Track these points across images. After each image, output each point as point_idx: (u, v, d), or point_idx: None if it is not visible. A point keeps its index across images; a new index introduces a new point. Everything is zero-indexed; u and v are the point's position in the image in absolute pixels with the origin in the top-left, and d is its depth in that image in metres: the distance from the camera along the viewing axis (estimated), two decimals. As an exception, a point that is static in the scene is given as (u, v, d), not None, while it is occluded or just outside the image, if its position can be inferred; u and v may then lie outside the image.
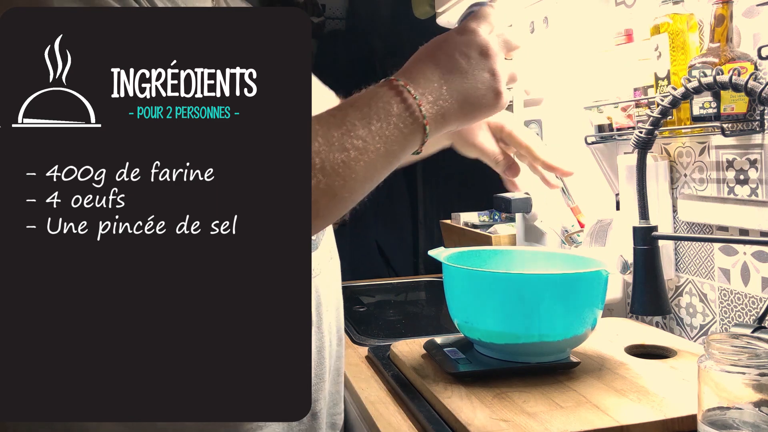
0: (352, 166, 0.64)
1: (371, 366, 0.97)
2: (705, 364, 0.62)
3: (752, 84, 0.78)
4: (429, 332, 1.12)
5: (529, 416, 0.69)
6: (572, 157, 1.16)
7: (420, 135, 0.65)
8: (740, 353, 0.61)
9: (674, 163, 1.04)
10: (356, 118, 0.64)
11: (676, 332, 1.05)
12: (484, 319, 0.83)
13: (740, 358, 0.60)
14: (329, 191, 0.63)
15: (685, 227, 1.03)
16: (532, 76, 1.22)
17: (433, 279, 1.59)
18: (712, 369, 0.62)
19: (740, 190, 0.92)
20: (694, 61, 0.89)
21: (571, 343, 0.83)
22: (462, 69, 0.67)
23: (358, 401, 0.86)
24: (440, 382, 0.80)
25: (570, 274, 0.83)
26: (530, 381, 0.79)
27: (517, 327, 0.81)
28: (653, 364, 0.85)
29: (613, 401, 0.72)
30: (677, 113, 0.95)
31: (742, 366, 0.60)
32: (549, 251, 1.08)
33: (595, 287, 0.82)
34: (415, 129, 0.64)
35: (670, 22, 0.95)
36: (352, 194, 0.65)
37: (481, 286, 0.84)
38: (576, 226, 1.13)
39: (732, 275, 0.94)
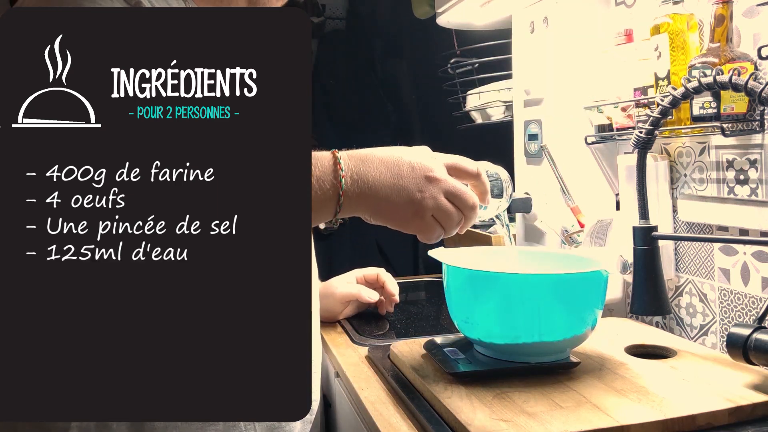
0: None
1: (371, 366, 0.97)
2: None
3: (752, 84, 0.78)
4: (429, 332, 1.12)
5: (529, 416, 0.69)
6: (572, 157, 1.16)
7: (333, 204, 0.69)
8: None
9: (674, 163, 1.04)
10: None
11: (676, 332, 1.05)
12: (484, 319, 0.83)
13: None
14: None
15: (685, 227, 1.03)
16: (532, 76, 1.22)
17: (433, 279, 1.59)
18: None
19: (740, 190, 0.92)
20: (694, 61, 0.89)
21: (571, 343, 0.83)
22: (399, 174, 0.71)
23: (358, 401, 0.86)
24: (440, 382, 0.80)
25: (570, 274, 0.83)
26: (530, 381, 0.79)
27: (517, 327, 0.81)
28: (653, 364, 0.85)
29: (613, 401, 0.72)
30: (677, 113, 0.95)
31: None
32: (549, 251, 1.08)
33: (595, 287, 0.82)
34: (330, 195, 0.69)
35: (670, 22, 0.95)
36: None
37: (481, 286, 0.84)
38: (576, 226, 1.13)
39: (732, 275, 0.94)
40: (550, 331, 0.80)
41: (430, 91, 2.09)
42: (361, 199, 0.70)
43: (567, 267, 0.90)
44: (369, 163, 0.71)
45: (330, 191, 0.69)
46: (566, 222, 1.14)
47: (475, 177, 0.76)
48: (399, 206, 0.71)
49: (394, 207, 0.71)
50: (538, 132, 1.20)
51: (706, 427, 0.69)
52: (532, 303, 0.80)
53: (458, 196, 0.73)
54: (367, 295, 1.18)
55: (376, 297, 1.19)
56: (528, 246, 1.26)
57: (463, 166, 0.76)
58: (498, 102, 1.45)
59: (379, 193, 0.70)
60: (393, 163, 0.71)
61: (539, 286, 0.81)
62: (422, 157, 0.73)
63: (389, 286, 1.21)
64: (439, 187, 0.72)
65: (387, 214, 0.72)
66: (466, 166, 0.76)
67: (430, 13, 1.77)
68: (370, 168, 0.71)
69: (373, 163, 0.71)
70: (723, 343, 0.95)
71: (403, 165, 0.71)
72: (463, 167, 0.76)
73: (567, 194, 1.13)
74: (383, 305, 1.22)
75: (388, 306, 1.22)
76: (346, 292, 1.18)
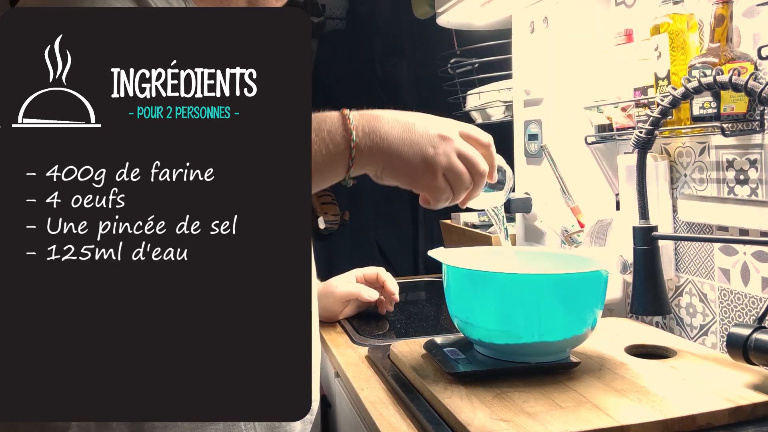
0: None
1: (371, 366, 0.97)
2: None
3: (752, 84, 0.78)
4: (429, 332, 1.12)
5: (529, 416, 0.69)
6: (572, 157, 1.16)
7: (346, 158, 0.69)
8: None
9: (674, 163, 1.04)
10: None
11: (676, 332, 1.05)
12: (484, 319, 0.83)
13: None
14: None
15: (685, 227, 1.03)
16: (532, 76, 1.22)
17: (433, 279, 1.59)
18: None
19: (740, 190, 0.92)
20: (694, 61, 0.89)
21: (571, 343, 0.83)
22: (411, 130, 0.71)
23: (358, 401, 0.86)
24: (440, 382, 0.80)
25: (570, 274, 0.83)
26: (530, 381, 0.79)
27: (517, 327, 0.81)
28: (653, 364, 0.85)
29: (613, 401, 0.72)
30: (677, 113, 0.95)
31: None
32: (549, 251, 1.08)
33: (595, 287, 0.82)
34: (342, 149, 0.68)
35: (670, 22, 0.95)
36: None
37: (481, 286, 0.84)
38: (576, 226, 1.13)
39: (732, 275, 0.94)
40: (550, 331, 0.80)
41: (430, 91, 2.09)
42: (373, 153, 0.69)
43: (567, 267, 0.90)
44: (381, 119, 0.70)
45: (342, 144, 0.68)
46: (566, 222, 1.14)
47: (485, 147, 0.75)
48: (411, 161, 0.70)
49: (407, 162, 0.70)
50: (538, 132, 1.20)
51: (706, 427, 0.69)
52: (532, 303, 0.80)
53: (470, 159, 0.72)
54: (367, 294, 1.18)
55: (376, 296, 1.19)
56: (528, 246, 1.26)
57: (475, 135, 0.75)
58: (498, 102, 1.45)
59: (392, 147, 0.70)
60: (405, 121, 0.71)
61: (539, 286, 0.81)
62: (435, 118, 0.73)
63: (389, 285, 1.21)
64: (452, 146, 0.71)
65: (399, 169, 0.71)
66: (478, 135, 0.75)
67: (430, 13, 1.77)
68: (382, 123, 0.70)
69: (384, 119, 0.70)
70: (723, 343, 0.95)
71: (416, 122, 0.71)
72: (475, 135, 0.75)
73: (567, 194, 1.13)
74: (383, 304, 1.22)
75: (388, 305, 1.22)
76: (345, 292, 1.18)
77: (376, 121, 0.70)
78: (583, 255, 0.93)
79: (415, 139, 0.70)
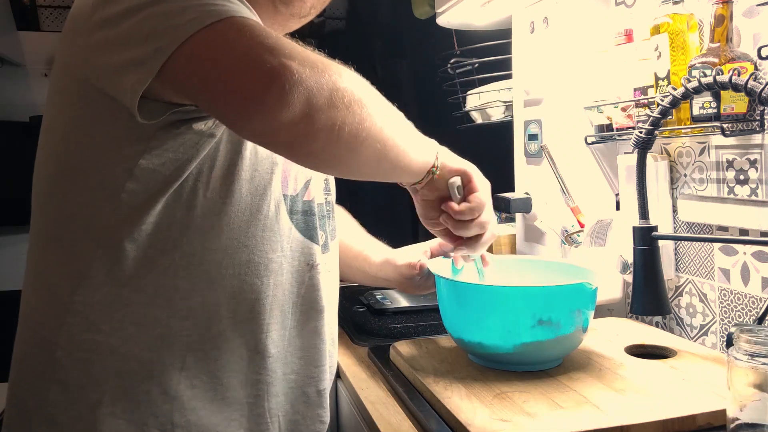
0: (368, 129, 0.68)
1: (371, 366, 0.97)
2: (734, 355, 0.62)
3: (752, 84, 0.78)
4: (429, 332, 1.12)
5: (529, 416, 0.69)
6: (572, 157, 1.16)
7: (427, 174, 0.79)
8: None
9: (674, 163, 1.04)
10: (401, 120, 0.78)
11: (676, 332, 1.05)
12: (473, 330, 0.83)
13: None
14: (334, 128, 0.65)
15: (685, 227, 1.03)
16: (532, 76, 1.22)
17: (433, 279, 1.59)
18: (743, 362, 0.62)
19: (740, 190, 0.92)
20: (694, 61, 0.89)
21: (564, 350, 0.83)
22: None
23: (358, 401, 0.86)
24: (440, 382, 0.80)
25: (549, 287, 0.82)
26: (530, 381, 0.79)
27: (504, 337, 0.80)
28: (653, 364, 0.85)
29: (613, 401, 0.72)
30: (677, 113, 0.94)
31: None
32: (544, 260, 1.06)
33: (581, 297, 0.81)
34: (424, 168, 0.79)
35: (670, 22, 0.95)
36: (348, 151, 0.68)
37: (464, 296, 0.84)
38: (576, 226, 1.12)
39: (732, 275, 0.94)
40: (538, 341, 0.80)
41: (430, 91, 2.09)
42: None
43: (558, 277, 0.90)
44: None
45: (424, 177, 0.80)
46: (566, 222, 1.14)
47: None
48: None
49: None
50: (538, 132, 1.20)
51: (706, 427, 0.69)
52: (512, 315, 0.80)
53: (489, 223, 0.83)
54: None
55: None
56: (528, 247, 1.26)
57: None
58: (498, 102, 1.45)
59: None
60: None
61: (517, 298, 0.80)
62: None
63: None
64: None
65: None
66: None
67: (430, 13, 1.77)
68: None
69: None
70: (723, 343, 0.95)
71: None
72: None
73: (567, 194, 1.13)
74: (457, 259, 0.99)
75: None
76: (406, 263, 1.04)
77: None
78: (579, 264, 0.92)
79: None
